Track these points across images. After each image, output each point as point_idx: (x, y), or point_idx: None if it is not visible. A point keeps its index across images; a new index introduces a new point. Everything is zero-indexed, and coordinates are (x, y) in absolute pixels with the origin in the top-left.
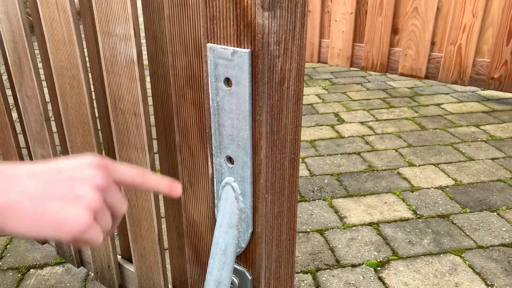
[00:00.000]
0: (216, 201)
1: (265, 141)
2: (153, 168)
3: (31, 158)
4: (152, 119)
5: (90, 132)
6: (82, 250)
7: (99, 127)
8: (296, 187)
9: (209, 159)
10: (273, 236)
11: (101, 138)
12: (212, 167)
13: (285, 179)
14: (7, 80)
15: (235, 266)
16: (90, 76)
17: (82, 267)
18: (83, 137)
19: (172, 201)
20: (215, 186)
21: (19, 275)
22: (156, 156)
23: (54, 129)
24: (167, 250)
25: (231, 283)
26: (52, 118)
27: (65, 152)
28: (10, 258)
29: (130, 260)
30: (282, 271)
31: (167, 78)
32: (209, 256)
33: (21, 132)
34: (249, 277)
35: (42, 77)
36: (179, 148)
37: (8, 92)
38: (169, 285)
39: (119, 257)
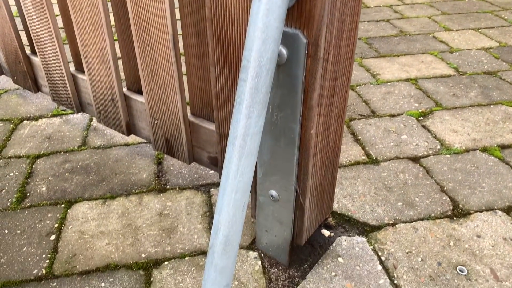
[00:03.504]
0: None
1: None
2: None
3: (19, 7)
4: None
5: None
6: (80, 90)
7: None
8: None
9: None
10: None
11: None
12: None
13: None
14: None
15: (283, 29)
16: None
17: (82, 115)
18: None
19: None
20: None
21: (11, 125)
22: None
23: None
24: (183, 63)
25: (278, 56)
26: None
27: None
28: (0, 111)
29: (138, 92)
30: (343, 47)
31: None
32: (242, 53)
33: None
34: (304, 40)
35: None
36: None
37: None
38: (187, 111)
39: (124, 89)
